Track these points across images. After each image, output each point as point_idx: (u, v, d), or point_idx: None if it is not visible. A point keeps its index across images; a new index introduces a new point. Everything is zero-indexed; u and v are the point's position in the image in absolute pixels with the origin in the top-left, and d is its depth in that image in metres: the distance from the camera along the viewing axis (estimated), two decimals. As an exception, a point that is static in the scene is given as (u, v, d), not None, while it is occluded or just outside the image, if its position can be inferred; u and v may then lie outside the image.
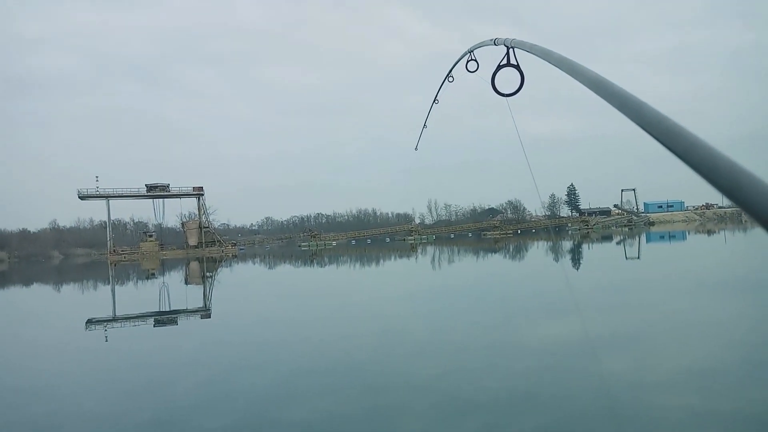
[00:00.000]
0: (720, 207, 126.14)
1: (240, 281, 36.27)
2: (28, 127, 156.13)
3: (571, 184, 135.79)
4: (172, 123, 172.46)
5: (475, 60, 3.93)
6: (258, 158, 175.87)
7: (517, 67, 2.97)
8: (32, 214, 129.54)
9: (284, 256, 74.50)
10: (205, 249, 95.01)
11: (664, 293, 16.64)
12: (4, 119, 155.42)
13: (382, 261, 51.05)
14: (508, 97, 3.18)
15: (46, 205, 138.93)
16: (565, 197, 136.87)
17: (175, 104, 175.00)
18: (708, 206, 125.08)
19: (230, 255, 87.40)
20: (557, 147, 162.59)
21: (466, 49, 4.09)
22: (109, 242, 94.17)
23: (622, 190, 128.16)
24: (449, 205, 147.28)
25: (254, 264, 58.99)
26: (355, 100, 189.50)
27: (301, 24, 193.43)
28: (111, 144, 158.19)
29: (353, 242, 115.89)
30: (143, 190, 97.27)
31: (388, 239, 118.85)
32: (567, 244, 59.78)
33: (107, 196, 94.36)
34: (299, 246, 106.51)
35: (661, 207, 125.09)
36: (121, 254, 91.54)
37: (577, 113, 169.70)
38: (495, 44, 3.11)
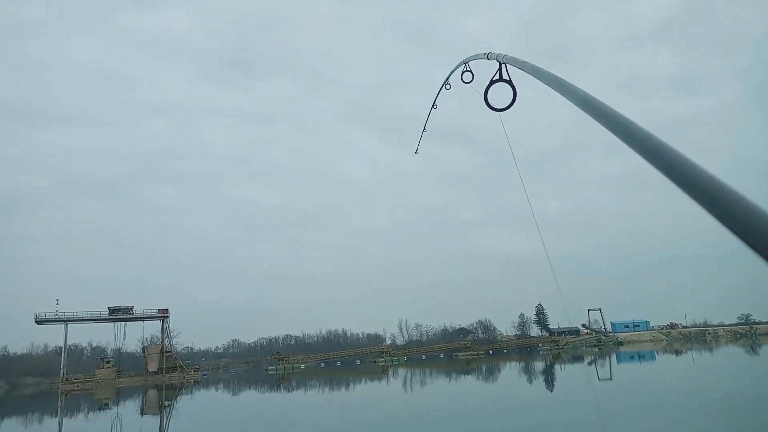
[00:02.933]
0: (684, 327, 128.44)
1: (200, 410, 34.35)
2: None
3: (539, 304, 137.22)
4: (136, 240, 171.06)
5: (471, 71, 3.91)
6: (223, 277, 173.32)
7: (510, 82, 3.00)
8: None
9: (249, 381, 71.09)
10: (165, 375, 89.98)
11: (644, 415, 16.69)
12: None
13: (351, 386, 49.30)
14: (500, 112, 3.21)
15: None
16: (534, 317, 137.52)
17: (140, 221, 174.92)
18: (672, 326, 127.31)
19: (192, 381, 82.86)
20: (523, 266, 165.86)
21: (462, 60, 4.08)
22: (62, 370, 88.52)
23: (589, 310, 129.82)
24: (420, 325, 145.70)
25: (216, 391, 56.02)
26: (320, 216, 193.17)
27: (264, 145, 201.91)
28: (72, 263, 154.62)
29: (322, 365, 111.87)
30: (105, 313, 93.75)
31: (358, 361, 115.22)
32: (540, 366, 59.12)
33: (66, 320, 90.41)
34: (266, 370, 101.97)
35: (627, 327, 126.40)
36: (74, 383, 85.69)
37: (534, 233, 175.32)
38: (488, 59, 3.17)
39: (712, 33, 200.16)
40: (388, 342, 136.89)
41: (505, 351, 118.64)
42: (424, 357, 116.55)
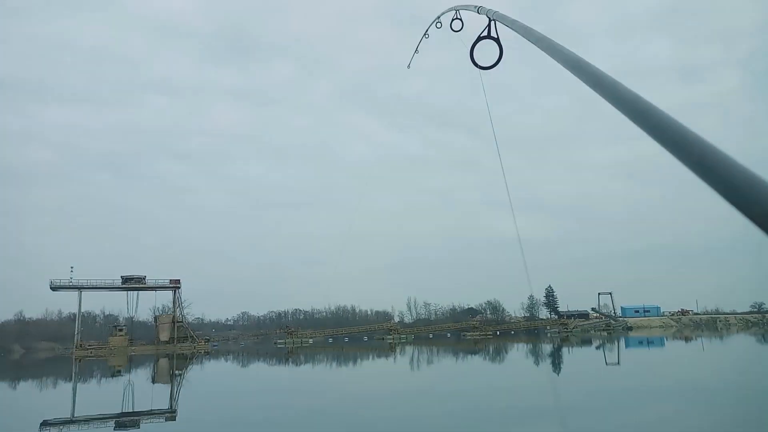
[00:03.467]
0: (695, 314, 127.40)
1: (210, 380, 34.88)
2: (2, 216, 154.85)
3: (549, 286, 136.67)
4: (146, 214, 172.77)
5: (461, 19, 3.75)
6: (233, 251, 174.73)
7: (497, 40, 2.89)
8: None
9: (259, 353, 72.07)
10: (176, 345, 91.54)
11: (648, 401, 16.56)
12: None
13: (359, 361, 49.73)
14: (485, 70, 3.11)
15: (15, 296, 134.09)
16: (543, 299, 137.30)
17: (151, 197, 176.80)
18: (684, 312, 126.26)
19: (202, 352, 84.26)
20: (532, 247, 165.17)
21: (451, 6, 3.92)
22: (76, 336, 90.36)
23: (599, 294, 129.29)
24: (429, 304, 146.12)
25: (226, 362, 56.89)
26: (324, 196, 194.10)
27: (268, 125, 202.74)
28: (85, 235, 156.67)
29: (330, 340, 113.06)
30: (118, 282, 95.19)
31: (366, 338, 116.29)
32: (547, 348, 59.14)
33: (80, 287, 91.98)
34: (275, 343, 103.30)
35: (638, 312, 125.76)
36: (87, 349, 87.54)
37: (547, 215, 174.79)
38: (478, 12, 3.07)
39: (710, 23, 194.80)
40: (397, 320, 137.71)
41: (512, 332, 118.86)
42: (431, 336, 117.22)
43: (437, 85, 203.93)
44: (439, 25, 5.15)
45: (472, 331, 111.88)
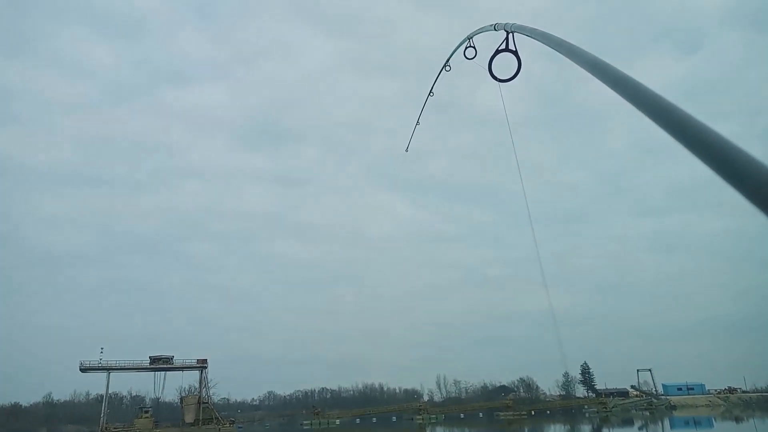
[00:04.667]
0: (744, 391, 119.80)
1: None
2: (36, 298, 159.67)
3: (585, 363, 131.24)
4: (177, 294, 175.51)
5: (474, 47, 3.76)
6: (261, 329, 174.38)
7: (516, 52, 2.91)
8: (28, 387, 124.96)
9: (285, 437, 69.89)
10: (201, 427, 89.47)
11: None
12: (13, 290, 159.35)
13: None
14: (503, 83, 3.12)
15: (44, 378, 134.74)
16: (579, 376, 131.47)
17: (181, 277, 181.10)
18: (731, 390, 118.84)
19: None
20: (564, 323, 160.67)
21: (465, 36, 3.90)
22: (102, 418, 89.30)
23: (638, 370, 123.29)
24: (459, 381, 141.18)
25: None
26: (351, 272, 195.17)
27: (295, 206, 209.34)
28: (116, 315, 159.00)
29: (357, 421, 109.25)
30: (146, 362, 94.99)
31: (394, 418, 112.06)
32: (587, 430, 56.12)
33: (109, 368, 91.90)
34: (301, 424, 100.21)
35: (680, 389, 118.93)
36: (112, 431, 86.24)
37: (578, 289, 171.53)
38: (495, 29, 3.07)
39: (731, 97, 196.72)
40: (426, 398, 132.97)
41: (548, 412, 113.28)
42: (462, 416, 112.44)
43: (458, 162, 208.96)
44: (448, 69, 5.20)
45: (506, 410, 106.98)
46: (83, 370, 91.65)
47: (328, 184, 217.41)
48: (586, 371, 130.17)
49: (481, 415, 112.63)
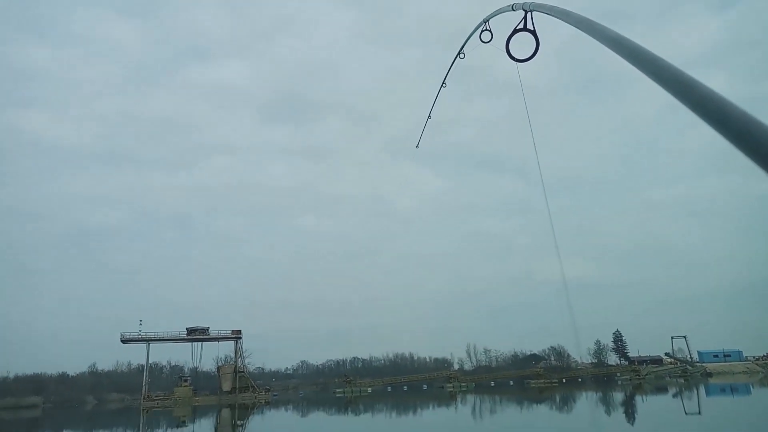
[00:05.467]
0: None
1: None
2: (77, 274, 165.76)
3: (617, 331, 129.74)
4: (209, 268, 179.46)
5: (489, 30, 3.71)
6: (292, 300, 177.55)
7: (534, 32, 2.89)
8: (73, 358, 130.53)
9: (318, 403, 71.67)
10: (238, 395, 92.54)
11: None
12: (55, 267, 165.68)
13: (420, 412, 48.49)
14: (522, 62, 3.10)
15: (88, 349, 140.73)
16: (611, 344, 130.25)
17: (213, 251, 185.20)
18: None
19: (263, 402, 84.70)
20: (594, 291, 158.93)
21: (482, 19, 3.83)
22: (144, 387, 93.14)
23: (672, 338, 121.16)
24: (489, 350, 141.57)
25: (286, 411, 56.87)
26: (379, 245, 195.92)
27: (321, 179, 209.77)
28: (153, 289, 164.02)
29: (389, 388, 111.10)
30: (183, 333, 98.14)
31: (425, 386, 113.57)
32: (619, 397, 55.77)
33: (148, 340, 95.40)
34: (334, 392, 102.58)
35: (717, 356, 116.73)
36: (154, 400, 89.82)
37: (611, 258, 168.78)
38: (513, 9, 3.02)
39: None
40: (456, 367, 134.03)
41: (580, 380, 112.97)
42: (492, 384, 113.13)
43: (486, 131, 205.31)
44: (462, 56, 5.06)
45: (537, 378, 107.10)
46: (124, 341, 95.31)
47: (352, 156, 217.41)
48: (618, 339, 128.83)
49: (511, 383, 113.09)
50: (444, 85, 6.01)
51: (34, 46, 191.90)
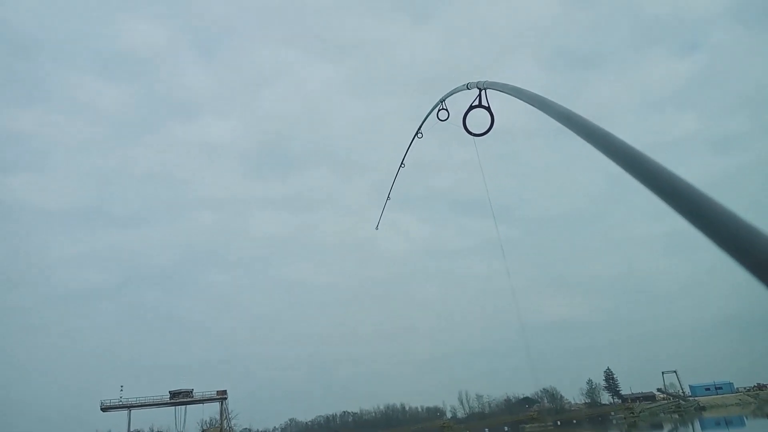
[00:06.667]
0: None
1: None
2: (56, 339, 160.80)
3: (608, 369, 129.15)
4: (194, 326, 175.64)
5: (446, 109, 3.87)
6: (277, 357, 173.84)
7: (488, 108, 3.02)
8: (51, 429, 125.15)
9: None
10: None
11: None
12: (32, 333, 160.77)
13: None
14: (478, 137, 3.23)
15: (66, 419, 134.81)
16: (603, 383, 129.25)
17: (198, 308, 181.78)
18: (761, 387, 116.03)
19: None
20: (583, 330, 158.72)
21: (438, 99, 3.98)
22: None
23: (663, 373, 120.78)
24: (481, 396, 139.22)
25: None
26: (368, 292, 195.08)
27: (308, 229, 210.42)
28: (135, 352, 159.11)
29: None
30: (166, 398, 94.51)
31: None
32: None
33: (129, 406, 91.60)
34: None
35: (708, 389, 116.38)
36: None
37: (587, 297, 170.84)
38: (468, 88, 3.17)
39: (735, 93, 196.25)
40: (449, 415, 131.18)
41: (575, 422, 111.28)
42: (487, 430, 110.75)
43: (464, 176, 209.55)
44: (420, 135, 5.25)
45: (531, 422, 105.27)
46: (104, 409, 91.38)
47: (338, 205, 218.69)
48: (610, 377, 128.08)
49: (506, 429, 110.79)
50: (403, 165, 6.24)
51: (19, 109, 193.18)
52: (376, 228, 7.97)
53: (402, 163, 6.23)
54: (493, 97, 2.99)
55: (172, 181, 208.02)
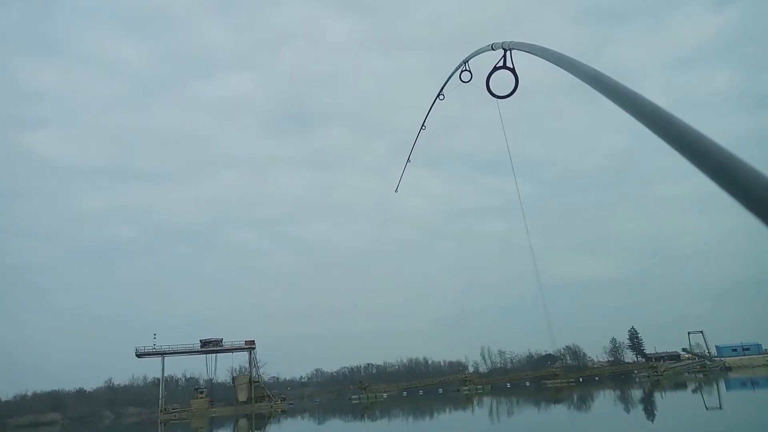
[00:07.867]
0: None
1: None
2: (92, 291, 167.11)
3: (632, 328, 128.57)
4: (221, 280, 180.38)
5: (469, 70, 3.79)
6: (304, 309, 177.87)
7: (513, 70, 2.95)
8: (90, 374, 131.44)
9: (334, 410, 71.55)
10: (254, 405, 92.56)
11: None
12: (70, 285, 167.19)
13: (437, 416, 48.24)
14: (502, 99, 3.16)
15: (105, 364, 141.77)
16: (627, 341, 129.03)
17: (224, 263, 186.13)
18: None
19: (279, 411, 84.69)
20: (610, 288, 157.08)
21: (461, 60, 3.89)
22: (161, 400, 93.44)
23: (689, 333, 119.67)
24: (503, 352, 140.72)
25: (303, 420, 56.82)
26: (388, 250, 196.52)
27: (329, 188, 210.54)
28: (166, 303, 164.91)
29: (404, 394, 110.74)
30: (197, 346, 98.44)
31: (441, 390, 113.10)
32: (638, 394, 55.24)
33: (163, 353, 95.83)
34: (350, 399, 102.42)
35: (735, 350, 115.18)
36: (171, 413, 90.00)
37: (612, 256, 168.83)
38: (492, 48, 3.08)
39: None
40: (471, 370, 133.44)
41: (596, 378, 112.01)
42: (509, 385, 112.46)
43: (488, 135, 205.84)
44: (442, 97, 5.11)
45: (553, 378, 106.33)
46: (139, 355, 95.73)
47: (358, 164, 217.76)
48: (634, 336, 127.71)
49: (528, 384, 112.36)
50: (423, 127, 6.01)
51: (42, 67, 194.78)
52: (396, 191, 7.80)
53: (423, 125, 5.99)
54: (518, 57, 2.89)
55: (193, 139, 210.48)
